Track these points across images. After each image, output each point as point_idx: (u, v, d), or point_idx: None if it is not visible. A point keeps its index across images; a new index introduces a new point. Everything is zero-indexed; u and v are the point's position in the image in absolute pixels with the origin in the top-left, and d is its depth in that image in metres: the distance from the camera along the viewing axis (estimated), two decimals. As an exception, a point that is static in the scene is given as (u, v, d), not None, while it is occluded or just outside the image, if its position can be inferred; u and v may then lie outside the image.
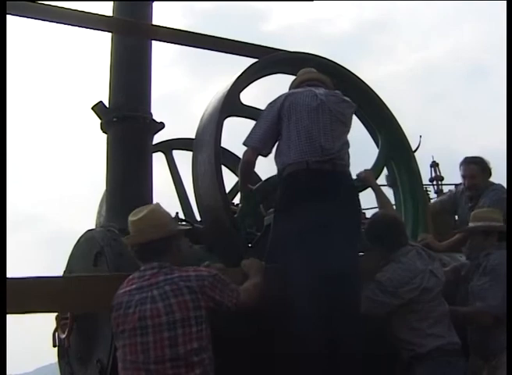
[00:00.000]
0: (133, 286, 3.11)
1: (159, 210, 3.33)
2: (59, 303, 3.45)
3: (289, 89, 4.29)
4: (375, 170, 4.98)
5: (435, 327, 3.81)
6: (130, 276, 3.20)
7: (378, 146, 5.28)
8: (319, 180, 3.76)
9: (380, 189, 4.50)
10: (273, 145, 4.01)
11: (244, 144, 4.02)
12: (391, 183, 5.36)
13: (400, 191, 5.30)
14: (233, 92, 4.44)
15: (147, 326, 2.97)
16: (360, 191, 4.27)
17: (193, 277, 3.07)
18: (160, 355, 2.93)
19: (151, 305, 2.99)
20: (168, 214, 3.38)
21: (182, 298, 2.99)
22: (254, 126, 4.06)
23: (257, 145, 3.99)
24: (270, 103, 4.08)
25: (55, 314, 4.28)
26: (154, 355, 2.94)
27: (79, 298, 3.45)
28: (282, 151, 3.93)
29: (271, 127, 3.98)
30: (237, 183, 6.36)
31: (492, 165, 5.53)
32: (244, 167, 4.10)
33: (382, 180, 5.16)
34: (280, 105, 4.00)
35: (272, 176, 4.29)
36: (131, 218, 3.29)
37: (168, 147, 6.14)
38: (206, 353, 3.03)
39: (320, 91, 4.07)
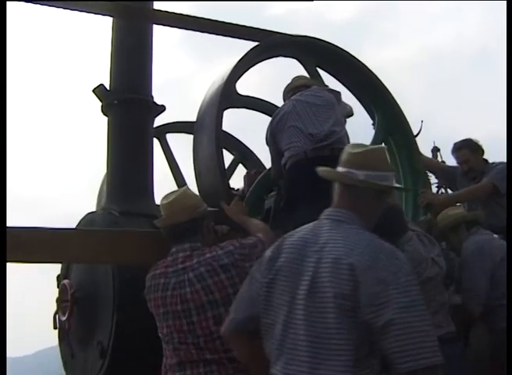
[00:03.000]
0: (169, 269, 3.21)
1: (188, 193, 3.46)
2: (60, 254, 3.57)
3: (283, 97, 4.43)
4: None
5: (435, 317, 3.81)
6: (163, 259, 3.29)
7: (374, 124, 5.29)
8: (319, 166, 3.78)
9: None
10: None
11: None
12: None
13: (401, 173, 5.29)
14: (233, 77, 4.44)
15: (190, 308, 3.08)
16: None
17: (223, 255, 3.17)
18: (208, 333, 3.05)
19: (190, 288, 3.09)
20: (197, 196, 3.51)
21: (217, 277, 3.10)
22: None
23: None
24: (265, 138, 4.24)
25: (56, 296, 4.31)
26: (203, 334, 3.05)
27: (79, 250, 3.59)
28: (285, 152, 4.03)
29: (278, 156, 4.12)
30: (231, 163, 6.42)
31: (494, 152, 5.56)
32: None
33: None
34: (270, 132, 4.14)
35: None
36: (162, 201, 3.41)
37: (161, 132, 6.12)
38: None
39: (296, 94, 4.19)
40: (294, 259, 2.42)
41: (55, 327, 4.42)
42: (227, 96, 4.35)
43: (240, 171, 6.34)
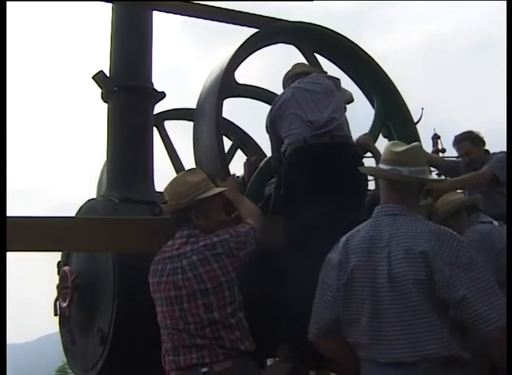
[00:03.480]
0: (166, 254, 3.24)
1: (180, 180, 3.40)
2: (58, 243, 3.57)
3: (282, 85, 4.40)
4: (373, 132, 4.96)
5: None
6: (165, 245, 3.30)
7: (373, 108, 5.24)
8: (318, 153, 3.78)
9: (380, 153, 4.47)
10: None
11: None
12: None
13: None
14: (232, 65, 4.40)
15: (182, 295, 3.09)
16: (362, 158, 4.25)
17: (218, 244, 3.16)
18: (198, 320, 3.06)
19: (182, 276, 3.11)
20: (188, 183, 3.32)
21: (209, 267, 3.10)
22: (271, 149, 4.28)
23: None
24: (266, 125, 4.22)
25: (56, 283, 4.32)
26: (193, 321, 3.07)
27: (77, 239, 3.59)
28: (284, 140, 4.00)
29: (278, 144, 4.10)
30: (230, 149, 6.41)
31: (494, 140, 5.57)
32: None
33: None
34: (270, 120, 4.13)
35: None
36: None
37: (159, 119, 6.09)
38: (241, 313, 3.17)
39: (296, 82, 4.17)
40: (365, 258, 2.70)
41: (55, 314, 4.44)
42: (226, 85, 4.33)
43: (239, 157, 6.34)
